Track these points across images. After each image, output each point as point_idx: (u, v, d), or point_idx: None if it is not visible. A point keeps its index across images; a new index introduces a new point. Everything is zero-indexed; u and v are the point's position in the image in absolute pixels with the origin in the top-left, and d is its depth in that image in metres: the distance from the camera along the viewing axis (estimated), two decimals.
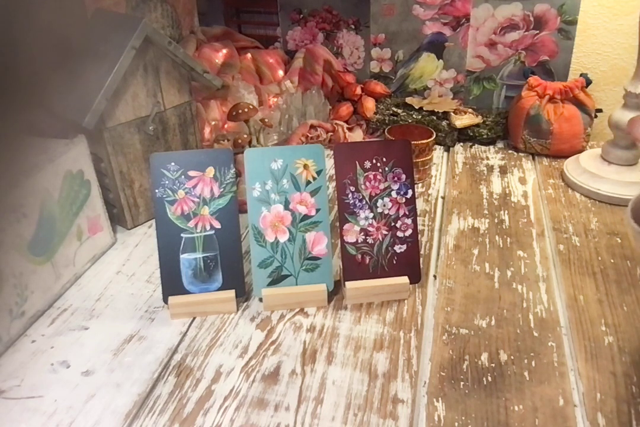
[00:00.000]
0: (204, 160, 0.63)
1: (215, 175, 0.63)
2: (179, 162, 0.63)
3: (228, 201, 0.64)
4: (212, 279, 0.64)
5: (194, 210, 0.63)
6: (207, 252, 0.63)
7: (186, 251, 0.63)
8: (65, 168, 0.67)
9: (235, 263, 0.64)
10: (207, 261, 0.63)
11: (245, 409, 0.53)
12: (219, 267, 0.64)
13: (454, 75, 1.11)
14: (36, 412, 0.53)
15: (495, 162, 0.99)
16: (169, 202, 0.63)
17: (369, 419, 0.52)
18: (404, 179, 0.66)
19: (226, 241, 0.64)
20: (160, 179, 0.63)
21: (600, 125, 1.03)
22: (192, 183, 0.63)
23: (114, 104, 0.73)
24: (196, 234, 0.63)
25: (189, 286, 0.63)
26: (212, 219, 0.63)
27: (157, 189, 0.63)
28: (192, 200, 0.63)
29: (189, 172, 0.63)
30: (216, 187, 0.63)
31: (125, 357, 0.60)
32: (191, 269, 0.63)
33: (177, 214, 0.63)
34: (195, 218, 0.63)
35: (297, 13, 1.15)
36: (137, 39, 0.71)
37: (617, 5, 1.01)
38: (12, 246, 0.60)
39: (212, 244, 0.63)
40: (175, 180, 0.63)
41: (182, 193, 0.63)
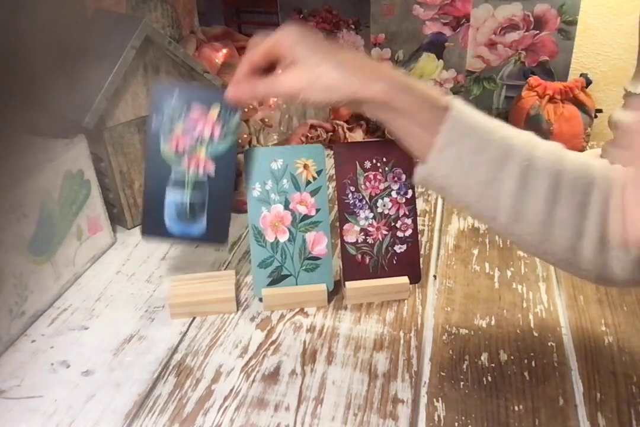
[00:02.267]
0: (210, 97, 0.57)
1: (219, 116, 0.57)
2: (183, 93, 0.57)
3: (228, 148, 0.58)
4: (195, 222, 0.60)
5: (189, 149, 0.58)
6: (196, 196, 0.60)
7: (174, 188, 0.59)
8: (65, 168, 0.67)
9: (222, 214, 0.60)
10: (194, 205, 0.60)
11: (245, 409, 0.53)
12: (205, 213, 0.60)
13: (454, 75, 1.11)
14: (36, 412, 0.53)
15: None
16: (164, 135, 0.58)
17: (369, 419, 0.52)
18: (404, 179, 0.66)
19: (218, 190, 0.59)
20: (158, 108, 0.57)
21: (600, 125, 1.03)
22: (193, 118, 0.58)
23: (114, 104, 0.73)
24: (187, 175, 0.59)
25: (170, 223, 0.60)
26: (208, 163, 0.58)
27: (154, 119, 0.57)
28: (189, 138, 0.58)
29: (192, 106, 0.57)
30: (218, 130, 0.57)
31: (125, 357, 0.60)
32: (175, 206, 0.60)
33: (171, 151, 0.58)
34: (190, 158, 0.58)
35: (297, 13, 1.15)
36: (137, 39, 0.71)
37: (617, 5, 1.01)
38: (12, 246, 0.60)
39: (202, 188, 0.59)
40: (175, 112, 0.57)
41: (180, 128, 0.58)
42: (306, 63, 0.49)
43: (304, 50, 0.49)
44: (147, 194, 0.59)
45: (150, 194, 0.59)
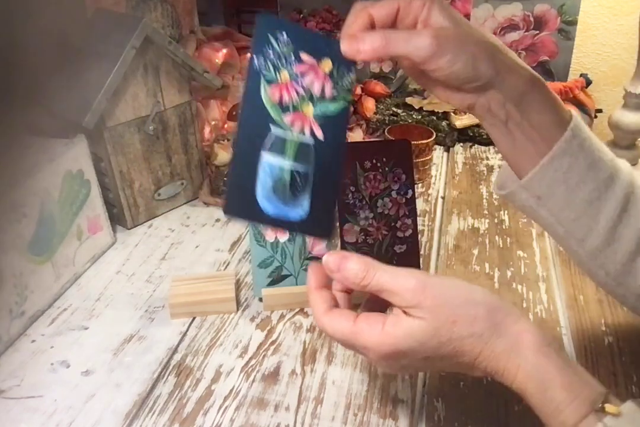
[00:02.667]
0: (322, 48, 0.47)
1: (332, 72, 0.47)
2: (293, 36, 0.46)
3: (339, 111, 0.47)
4: (297, 202, 0.46)
5: (294, 103, 0.46)
6: (300, 164, 0.46)
7: (272, 151, 0.45)
8: (65, 168, 0.67)
9: (329, 193, 0.47)
10: (296, 176, 0.46)
11: (245, 409, 0.53)
12: (309, 190, 0.46)
13: None
14: (36, 412, 0.53)
15: (495, 162, 0.99)
16: (267, 80, 0.45)
17: (369, 419, 0.52)
18: (404, 179, 0.66)
19: (325, 160, 0.46)
20: (263, 46, 0.45)
21: (600, 125, 1.03)
22: (302, 68, 0.46)
23: (114, 103, 0.73)
24: (290, 136, 0.45)
25: (263, 200, 0.45)
26: (315, 125, 0.46)
27: (257, 55, 0.45)
28: (296, 90, 0.46)
29: (301, 54, 0.46)
30: (329, 87, 0.47)
31: (125, 357, 0.60)
32: (272, 177, 0.45)
33: (273, 99, 0.45)
34: (295, 114, 0.46)
35: (297, 13, 1.15)
36: (137, 38, 0.71)
37: (617, 5, 1.01)
38: (12, 246, 0.60)
39: (307, 156, 0.46)
40: (282, 55, 0.46)
41: (287, 75, 0.46)
42: (453, 28, 0.43)
43: (447, 15, 0.44)
44: (238, 156, 0.45)
45: (241, 155, 0.45)
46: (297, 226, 0.45)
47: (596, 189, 0.46)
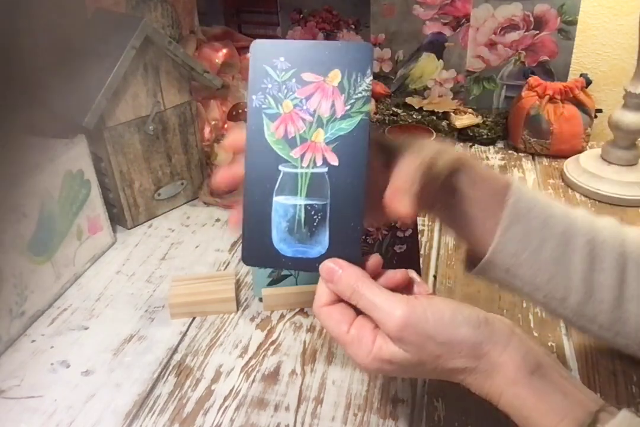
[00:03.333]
0: (327, 59, 0.42)
1: (342, 83, 0.42)
2: (292, 57, 0.42)
3: (355, 126, 0.42)
4: (315, 239, 0.43)
5: (302, 133, 0.42)
6: (313, 198, 0.42)
7: (283, 192, 0.43)
8: (65, 168, 0.67)
9: (351, 222, 0.42)
10: (311, 211, 0.43)
11: (245, 409, 0.53)
12: (327, 225, 0.43)
13: (454, 75, 1.11)
14: (36, 412, 0.53)
15: (495, 162, 0.99)
16: (268, 116, 0.42)
17: (369, 419, 0.52)
18: None
19: (343, 186, 0.42)
20: (260, 80, 0.42)
21: (600, 125, 1.03)
22: (305, 91, 0.42)
23: (114, 103, 0.73)
24: (301, 169, 0.42)
25: (279, 244, 0.43)
26: (327, 151, 0.42)
27: (255, 95, 0.42)
28: (302, 118, 0.42)
29: (303, 75, 0.42)
30: (340, 102, 0.42)
31: (125, 357, 0.60)
32: (286, 219, 0.43)
33: (278, 135, 0.42)
34: (303, 145, 0.42)
35: (297, 13, 1.15)
36: (137, 38, 0.71)
37: (617, 5, 1.01)
38: (12, 246, 0.60)
39: (321, 188, 0.42)
40: (283, 84, 0.42)
41: (290, 105, 0.42)
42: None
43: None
44: (249, 206, 0.43)
45: (252, 204, 0.43)
46: (318, 263, 0.42)
47: (558, 245, 0.45)
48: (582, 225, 0.46)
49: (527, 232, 0.45)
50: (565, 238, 0.46)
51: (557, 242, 0.45)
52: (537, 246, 0.46)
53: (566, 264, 0.46)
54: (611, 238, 0.46)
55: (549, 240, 0.45)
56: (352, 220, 0.42)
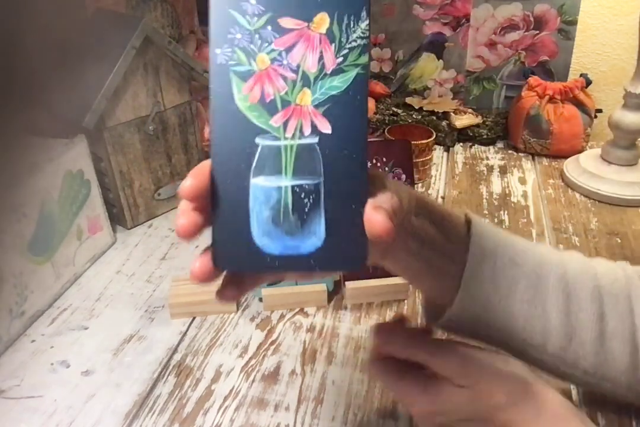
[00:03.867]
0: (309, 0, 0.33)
1: (331, 29, 0.33)
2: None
3: (350, 82, 0.33)
4: (307, 229, 0.33)
5: (283, 94, 0.33)
6: (303, 177, 0.33)
7: (263, 171, 0.33)
8: (65, 168, 0.67)
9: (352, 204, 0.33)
10: (301, 194, 0.33)
11: (245, 409, 0.53)
12: (321, 209, 0.33)
13: (454, 75, 1.11)
14: (36, 412, 0.53)
15: (495, 162, 0.99)
16: (238, 74, 0.33)
17: (368, 419, 0.52)
18: (404, 179, 0.66)
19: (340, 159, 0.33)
20: (226, 29, 0.33)
21: (600, 125, 1.03)
22: (285, 42, 0.33)
23: (114, 103, 0.73)
24: (284, 141, 0.33)
25: (262, 239, 0.33)
26: (317, 115, 0.33)
27: (219, 49, 0.33)
28: (282, 76, 0.33)
29: (282, 21, 0.33)
30: (330, 54, 0.33)
31: (125, 357, 0.60)
32: (269, 206, 0.33)
33: (252, 99, 0.33)
34: (286, 110, 0.33)
35: None
36: (137, 38, 0.71)
37: (617, 5, 1.01)
38: (12, 246, 0.60)
39: (312, 163, 0.33)
40: (255, 33, 0.33)
41: (266, 59, 0.33)
42: None
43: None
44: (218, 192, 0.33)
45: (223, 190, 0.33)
46: (313, 260, 0.33)
47: (530, 285, 0.42)
48: (549, 260, 0.43)
49: (496, 273, 0.41)
50: (536, 276, 0.42)
51: (528, 281, 0.42)
52: (508, 288, 0.41)
53: (542, 304, 0.42)
54: (582, 273, 0.43)
55: (520, 280, 0.42)
56: (353, 201, 0.33)
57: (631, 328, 0.42)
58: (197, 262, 0.33)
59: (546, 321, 0.42)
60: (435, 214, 0.40)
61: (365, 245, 0.33)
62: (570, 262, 0.44)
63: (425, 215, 0.39)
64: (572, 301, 0.42)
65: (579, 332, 0.42)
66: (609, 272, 0.44)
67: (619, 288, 0.43)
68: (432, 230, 0.40)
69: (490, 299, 0.41)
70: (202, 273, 0.33)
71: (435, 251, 0.40)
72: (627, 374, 0.42)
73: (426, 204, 0.40)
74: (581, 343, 0.42)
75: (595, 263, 0.45)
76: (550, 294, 0.42)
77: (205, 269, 0.33)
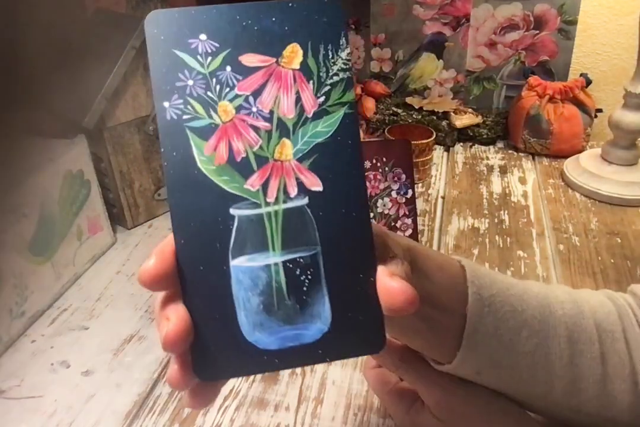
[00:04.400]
0: (277, 29, 0.27)
1: (306, 63, 0.27)
2: (218, 31, 0.27)
3: (337, 125, 0.27)
4: (309, 312, 0.27)
5: (257, 149, 0.27)
6: (295, 249, 0.27)
7: (244, 249, 0.27)
8: (65, 168, 0.67)
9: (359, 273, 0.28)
10: (296, 270, 0.27)
11: (245, 409, 0.53)
12: (323, 285, 0.28)
13: (454, 75, 1.11)
14: (36, 412, 0.53)
15: (495, 162, 0.99)
16: (197, 131, 0.27)
17: (369, 419, 0.52)
18: (404, 179, 0.66)
19: (338, 220, 0.27)
20: (174, 75, 0.27)
21: (600, 125, 1.03)
22: (251, 84, 0.27)
23: (114, 104, 0.73)
24: (266, 207, 0.27)
25: (254, 334, 0.27)
26: (303, 171, 0.27)
27: (168, 102, 0.26)
28: (252, 127, 0.27)
29: (243, 58, 0.27)
30: (308, 93, 0.27)
31: (125, 357, 0.60)
32: (258, 292, 0.27)
33: (218, 160, 0.27)
34: (263, 169, 0.27)
35: None
36: (137, 38, 0.71)
37: (617, 5, 1.01)
38: (12, 246, 0.60)
39: (304, 230, 0.27)
40: (212, 77, 0.27)
41: (230, 108, 0.27)
42: None
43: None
44: (192, 284, 0.27)
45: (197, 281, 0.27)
46: (321, 350, 0.27)
47: (533, 333, 0.39)
48: (547, 302, 0.41)
49: (498, 325, 0.38)
50: (536, 322, 0.39)
51: (530, 330, 0.39)
52: (511, 340, 0.39)
53: (545, 353, 0.39)
54: (578, 312, 0.41)
55: (522, 329, 0.39)
56: (361, 270, 0.27)
57: (630, 365, 0.41)
58: (172, 369, 0.27)
59: (550, 369, 0.40)
60: (430, 266, 0.37)
61: (382, 322, 0.27)
62: (565, 301, 0.42)
63: (420, 268, 0.35)
64: (574, 345, 0.40)
65: (582, 377, 0.40)
66: (601, 306, 0.43)
67: (614, 323, 0.42)
68: (428, 284, 0.36)
69: (494, 356, 0.39)
70: (178, 382, 0.27)
71: (432, 305, 0.36)
72: (630, 412, 0.41)
73: (420, 255, 0.36)
74: (585, 387, 0.40)
75: (584, 296, 0.44)
76: (551, 341, 0.40)
77: (180, 378, 0.27)
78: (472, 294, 0.38)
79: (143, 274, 0.26)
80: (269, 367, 0.27)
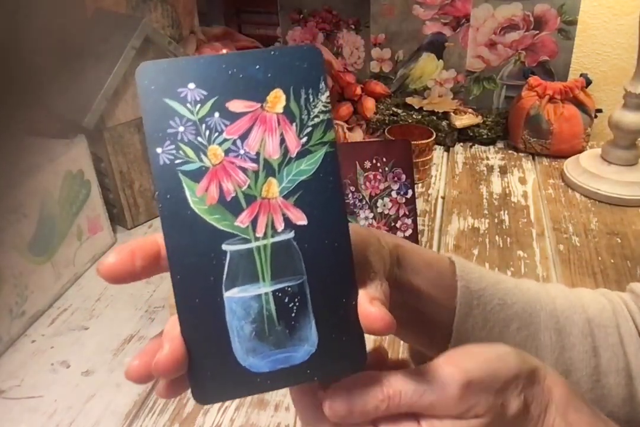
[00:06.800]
0: (261, 76, 0.29)
1: (289, 107, 0.29)
2: (206, 80, 0.29)
3: (319, 164, 0.30)
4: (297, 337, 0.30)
5: (245, 189, 0.29)
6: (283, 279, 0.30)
7: (236, 281, 0.30)
8: (65, 168, 0.67)
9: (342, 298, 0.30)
10: (284, 298, 0.30)
11: (245, 409, 0.53)
12: (309, 311, 0.30)
13: (454, 75, 1.11)
14: (36, 412, 0.53)
15: (495, 162, 0.99)
16: (188, 175, 0.29)
17: None
18: (404, 179, 0.66)
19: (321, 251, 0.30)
20: (165, 123, 0.28)
21: (600, 125, 1.03)
22: (238, 128, 0.29)
23: (114, 104, 0.73)
24: (256, 242, 0.29)
25: (248, 359, 0.30)
26: (289, 207, 0.30)
27: (160, 148, 0.28)
28: (241, 168, 0.29)
29: (230, 105, 0.29)
30: (292, 135, 0.30)
31: (125, 357, 0.60)
32: (250, 320, 0.30)
33: (210, 200, 0.29)
34: (252, 207, 0.29)
35: (297, 13, 1.15)
36: (137, 39, 0.71)
37: (617, 5, 1.01)
38: (12, 246, 0.60)
39: (291, 261, 0.30)
40: (202, 123, 0.29)
41: (219, 152, 0.29)
42: None
43: None
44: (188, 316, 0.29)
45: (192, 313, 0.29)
46: (310, 370, 0.30)
47: (522, 326, 0.40)
48: (538, 297, 0.41)
49: (487, 317, 0.39)
50: (527, 315, 0.40)
51: (520, 322, 0.40)
52: (500, 332, 0.39)
53: (535, 345, 0.40)
54: (571, 306, 0.42)
55: (512, 321, 0.40)
56: (343, 295, 0.30)
57: (624, 359, 0.41)
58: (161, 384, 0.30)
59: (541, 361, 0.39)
60: (418, 261, 0.38)
61: (363, 342, 0.30)
62: (557, 297, 0.42)
63: (408, 265, 0.37)
64: (565, 338, 0.40)
65: (573, 370, 0.40)
66: (595, 302, 0.43)
67: (607, 319, 0.42)
68: (417, 279, 0.37)
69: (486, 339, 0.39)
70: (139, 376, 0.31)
71: (422, 300, 0.37)
72: (625, 407, 0.41)
73: (408, 252, 0.37)
74: (577, 381, 0.40)
75: (578, 293, 0.44)
76: (542, 333, 0.40)
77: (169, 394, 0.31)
78: (460, 287, 0.38)
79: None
80: (262, 389, 0.29)
